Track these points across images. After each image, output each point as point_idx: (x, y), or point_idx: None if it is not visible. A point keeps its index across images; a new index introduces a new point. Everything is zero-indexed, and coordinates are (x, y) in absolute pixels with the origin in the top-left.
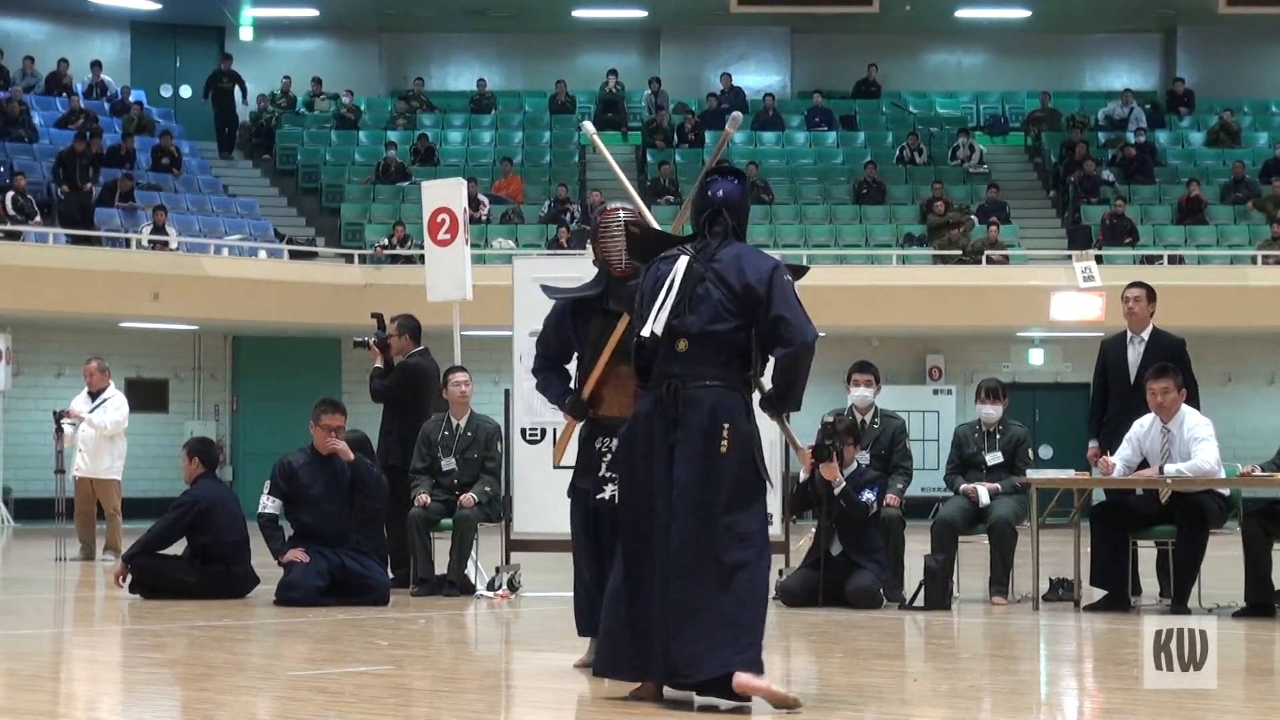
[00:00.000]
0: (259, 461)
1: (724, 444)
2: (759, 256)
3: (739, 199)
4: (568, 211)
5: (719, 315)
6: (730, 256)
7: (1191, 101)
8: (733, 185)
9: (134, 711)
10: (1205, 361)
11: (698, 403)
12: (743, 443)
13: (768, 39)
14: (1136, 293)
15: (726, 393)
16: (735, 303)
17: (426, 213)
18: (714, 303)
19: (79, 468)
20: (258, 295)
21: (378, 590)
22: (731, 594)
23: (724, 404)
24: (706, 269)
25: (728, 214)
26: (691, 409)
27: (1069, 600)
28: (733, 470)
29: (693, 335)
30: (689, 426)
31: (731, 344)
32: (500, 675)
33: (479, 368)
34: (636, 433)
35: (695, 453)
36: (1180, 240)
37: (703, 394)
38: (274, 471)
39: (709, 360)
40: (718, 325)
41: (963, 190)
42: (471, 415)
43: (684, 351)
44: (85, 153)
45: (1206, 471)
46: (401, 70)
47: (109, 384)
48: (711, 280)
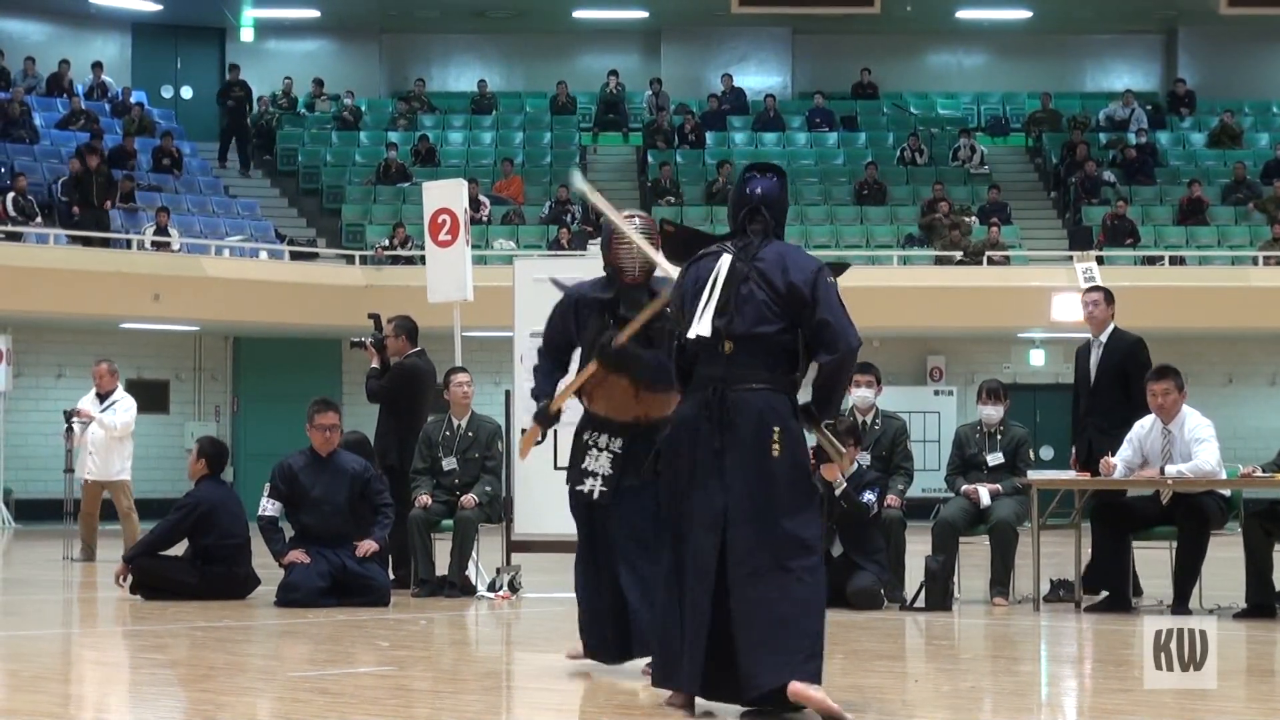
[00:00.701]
0: (259, 462)
1: (776, 448)
2: (803, 256)
3: (778, 196)
4: (568, 212)
5: (764, 317)
6: (773, 255)
7: (1193, 102)
8: (771, 182)
9: (136, 712)
10: (1206, 362)
11: (746, 406)
12: (794, 445)
13: (769, 40)
14: (1094, 296)
15: (774, 395)
16: (780, 304)
17: (427, 214)
18: (759, 304)
19: (89, 470)
20: (258, 296)
21: (378, 591)
22: (796, 602)
23: (773, 407)
24: (750, 268)
25: (766, 211)
26: (740, 413)
27: (1070, 601)
28: (785, 474)
29: (738, 337)
30: (738, 431)
31: (778, 346)
32: (501, 676)
33: (480, 368)
34: (681, 439)
35: (747, 458)
36: (1181, 241)
37: (751, 397)
38: (273, 474)
39: (756, 363)
40: (764, 327)
41: (964, 191)
42: (472, 415)
43: (730, 354)
44: (98, 170)
45: (1207, 472)
46: (402, 71)
47: (118, 386)
48: (756, 281)
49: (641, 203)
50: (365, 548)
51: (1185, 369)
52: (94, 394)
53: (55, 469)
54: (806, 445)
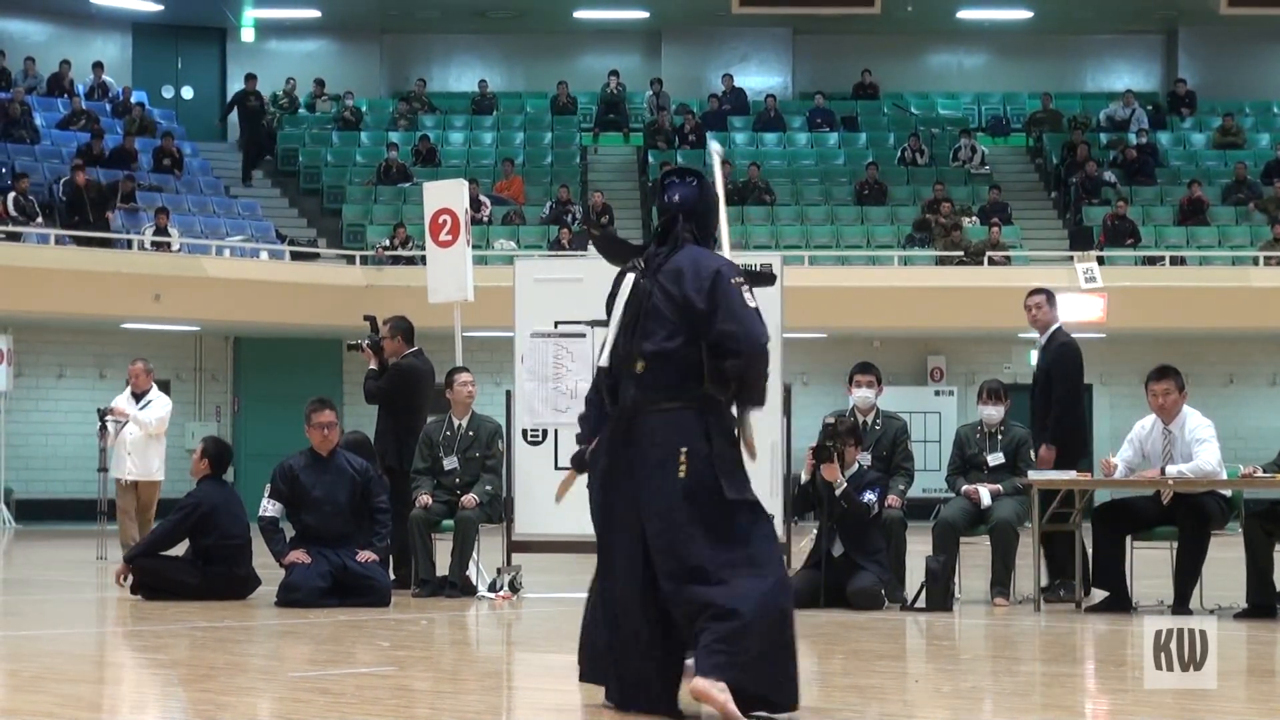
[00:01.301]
0: (260, 462)
1: (681, 469)
2: (705, 260)
3: (695, 202)
4: (569, 213)
5: (670, 332)
6: (675, 267)
7: (1193, 102)
8: (690, 187)
9: (136, 713)
10: (1207, 363)
11: (651, 431)
12: (700, 466)
13: (769, 40)
14: (1037, 299)
15: (683, 414)
16: (683, 319)
17: (428, 214)
18: (663, 320)
19: (129, 470)
20: (259, 296)
21: (379, 591)
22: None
23: (680, 427)
24: (653, 284)
25: (684, 220)
26: (646, 438)
27: (1070, 601)
28: (690, 495)
29: (647, 355)
30: (645, 457)
31: (685, 362)
32: (502, 676)
33: (480, 369)
34: (598, 467)
35: (654, 483)
36: (1182, 241)
37: (656, 420)
38: (274, 474)
39: (666, 382)
40: (668, 344)
41: (964, 191)
42: (473, 415)
43: (641, 374)
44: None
45: (1208, 473)
46: (403, 71)
47: (152, 385)
48: (659, 295)
49: (642, 203)
50: (365, 558)
51: (1186, 369)
52: (129, 393)
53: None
54: (732, 461)
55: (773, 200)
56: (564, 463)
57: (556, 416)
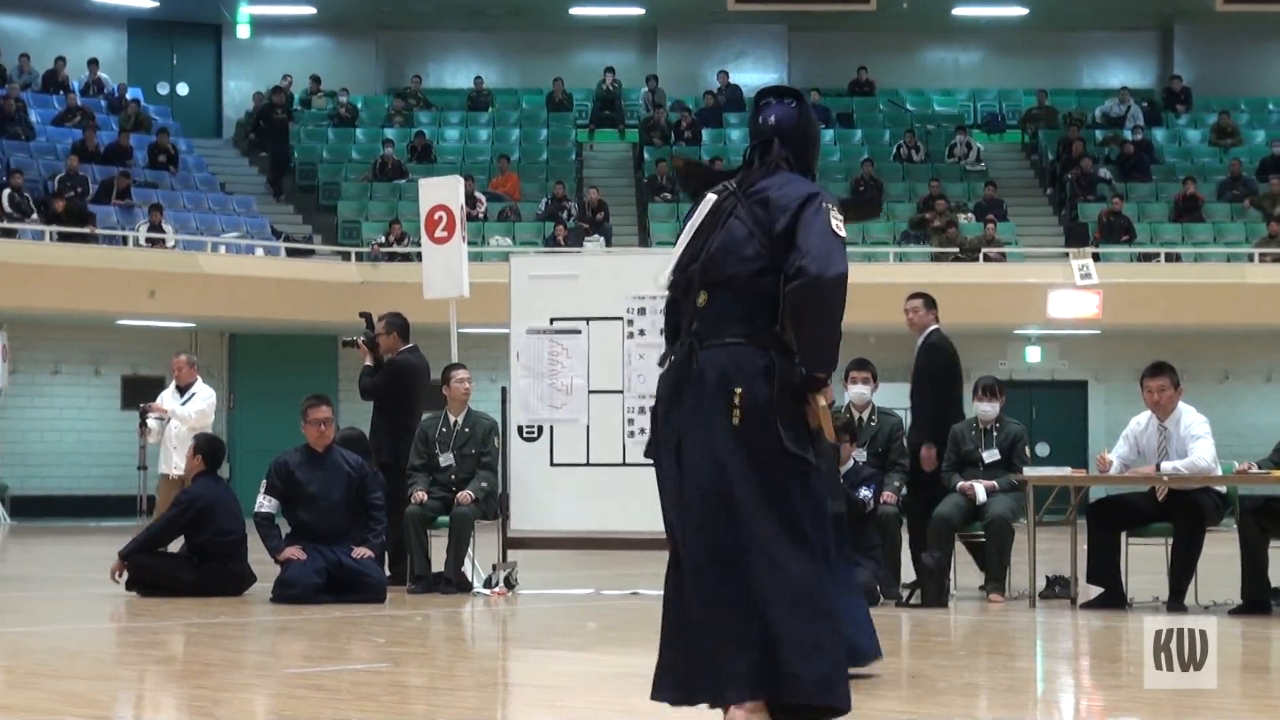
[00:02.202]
0: (256, 459)
1: (736, 413)
2: (796, 185)
3: (793, 124)
4: (565, 209)
5: (741, 256)
6: (762, 188)
7: (1189, 99)
8: (788, 108)
9: (132, 709)
10: (1202, 359)
11: (707, 366)
12: (759, 412)
13: (765, 36)
14: (914, 303)
15: (745, 350)
16: (762, 240)
17: (423, 210)
18: (735, 243)
19: (175, 466)
20: (254, 293)
21: (375, 588)
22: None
23: (740, 364)
24: (737, 203)
25: (780, 144)
26: (701, 374)
27: (1066, 598)
28: (746, 448)
29: (710, 284)
30: (698, 397)
31: (755, 292)
32: (497, 673)
33: (476, 365)
34: (657, 413)
35: (705, 427)
36: (1177, 238)
37: (716, 354)
38: (270, 470)
39: (730, 313)
40: (737, 269)
41: (960, 188)
42: (469, 412)
43: (704, 305)
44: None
45: (1203, 469)
46: (399, 68)
47: (197, 378)
48: (740, 215)
49: (637, 200)
50: (360, 554)
51: (1181, 366)
52: (174, 387)
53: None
54: (789, 414)
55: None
56: (560, 459)
57: (552, 413)
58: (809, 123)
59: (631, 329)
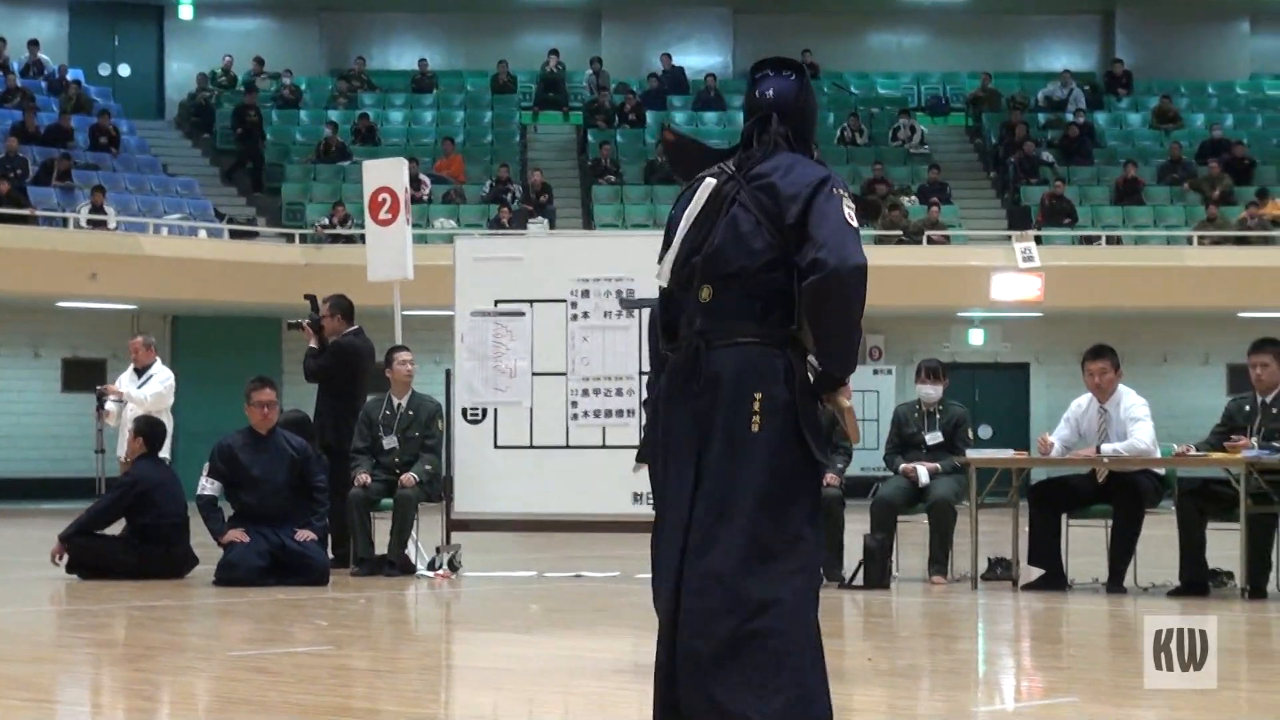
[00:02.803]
0: (198, 441)
1: (755, 420)
2: (802, 167)
3: (794, 98)
4: (509, 191)
5: (749, 249)
6: (771, 170)
7: (1130, 83)
8: (787, 81)
9: (71, 692)
10: (1142, 341)
11: (720, 368)
12: (779, 417)
13: (709, 19)
14: None
15: (761, 351)
16: (771, 231)
17: (367, 192)
18: (743, 234)
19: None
20: (197, 275)
21: (317, 570)
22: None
23: (756, 367)
24: (739, 188)
25: (778, 119)
26: (713, 378)
27: (1007, 579)
28: (765, 457)
29: (716, 278)
30: (710, 401)
31: (767, 287)
32: (440, 656)
33: (420, 347)
34: (657, 414)
35: (720, 435)
36: (1118, 221)
37: (729, 355)
38: (213, 453)
39: (739, 310)
40: (746, 262)
41: (903, 171)
42: (413, 394)
43: (709, 301)
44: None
45: (1142, 451)
46: (342, 50)
47: (155, 359)
48: (744, 203)
49: (581, 182)
50: (303, 536)
51: (1121, 348)
52: (132, 369)
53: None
54: (812, 416)
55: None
56: (504, 441)
57: (496, 395)
58: (809, 96)
59: (575, 311)
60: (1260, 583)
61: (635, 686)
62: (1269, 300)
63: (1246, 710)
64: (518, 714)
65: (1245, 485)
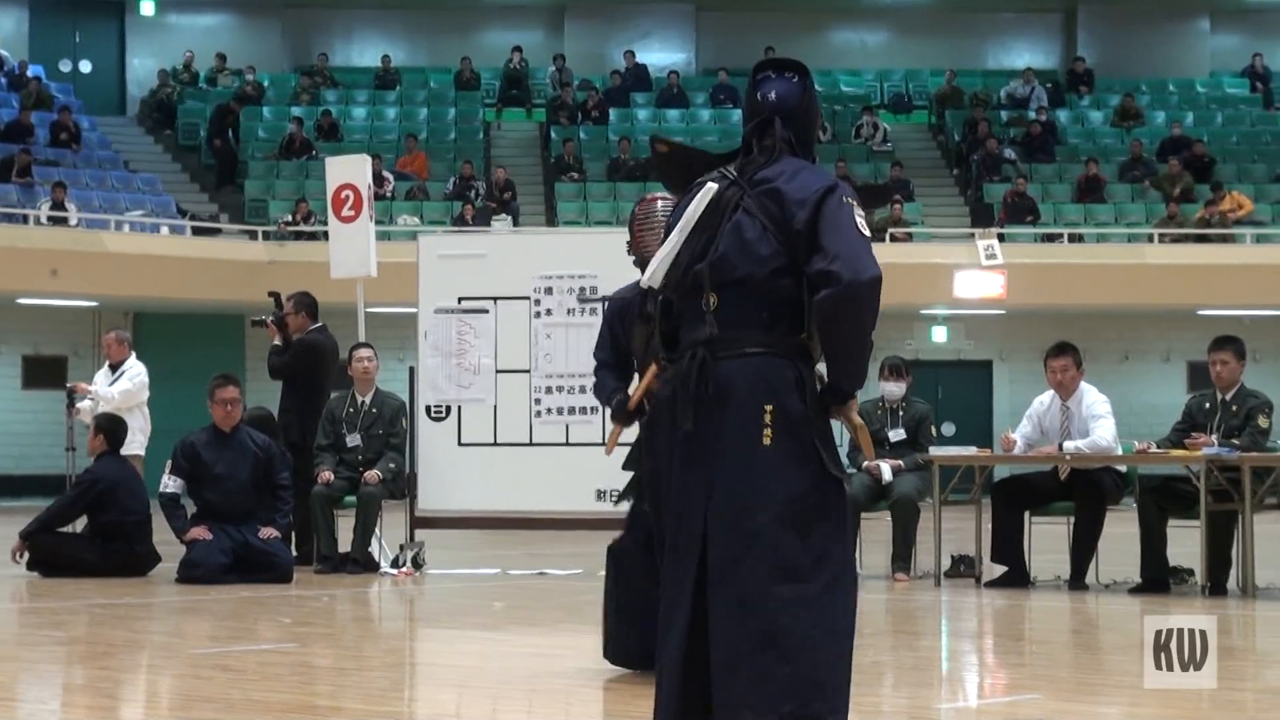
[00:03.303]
0: (161, 439)
1: (767, 433)
2: (808, 173)
3: (797, 101)
4: (472, 188)
5: (756, 256)
6: (775, 175)
7: (1091, 81)
8: (790, 84)
9: (33, 690)
10: (1102, 339)
11: (732, 378)
12: (793, 430)
13: (672, 16)
14: None
15: (771, 361)
16: (777, 238)
17: (330, 189)
18: (748, 241)
19: None
20: (159, 272)
21: (281, 568)
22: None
23: (766, 377)
24: (742, 194)
25: (781, 124)
26: (721, 389)
27: (970, 576)
28: (779, 471)
29: (722, 285)
30: (719, 414)
31: (776, 295)
32: (404, 653)
33: (384, 345)
34: (659, 422)
35: (731, 448)
36: (1080, 218)
37: (739, 366)
38: (175, 450)
39: (746, 319)
40: (754, 269)
41: (866, 168)
42: (376, 392)
43: (714, 309)
44: None
45: (1104, 448)
46: (305, 46)
47: (129, 355)
48: (749, 209)
49: (544, 179)
50: (266, 534)
51: (1083, 346)
52: (107, 366)
53: None
54: (825, 428)
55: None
56: (468, 439)
57: (460, 392)
58: (812, 99)
59: (539, 308)
60: (1220, 580)
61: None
62: (1229, 298)
63: (1208, 706)
64: (481, 711)
65: (1205, 482)
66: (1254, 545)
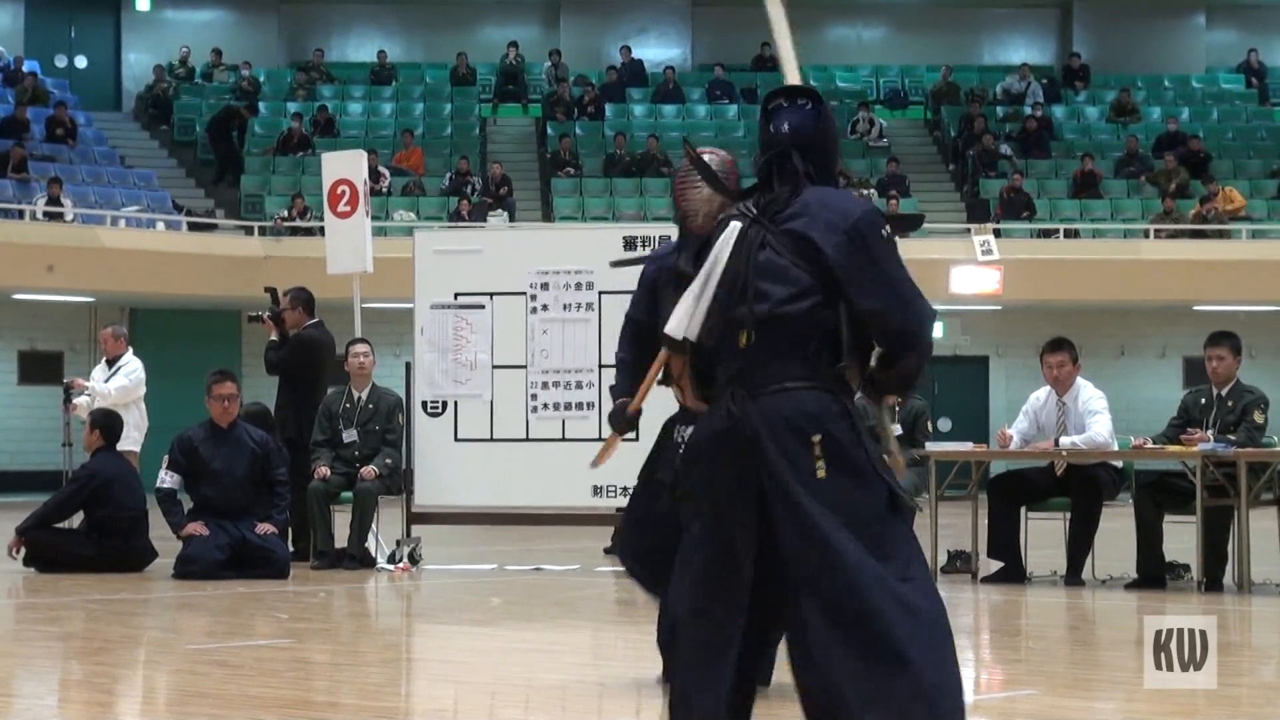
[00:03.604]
0: (157, 435)
1: (819, 466)
2: (836, 202)
3: (813, 131)
4: (469, 184)
5: (790, 292)
6: (798, 210)
7: (1087, 76)
8: (803, 113)
9: (29, 686)
10: (1099, 334)
11: (769, 416)
12: (845, 456)
13: (668, 11)
14: None
15: (811, 395)
16: (808, 271)
17: (326, 185)
18: (781, 276)
19: None
20: (156, 267)
21: (277, 563)
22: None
23: (806, 409)
24: (766, 232)
25: (799, 157)
26: (763, 426)
27: (967, 572)
28: (842, 504)
29: (756, 323)
30: (762, 452)
31: (812, 328)
32: (401, 649)
33: (380, 340)
34: (699, 461)
35: (780, 489)
36: (1076, 214)
37: (775, 403)
38: (172, 446)
39: (784, 354)
40: (789, 306)
41: (863, 164)
42: (373, 387)
43: (748, 346)
44: None
45: (1100, 444)
46: (301, 41)
47: (125, 350)
48: (773, 246)
49: (540, 175)
50: (263, 530)
51: (1079, 341)
52: (104, 362)
53: None
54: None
55: (671, 173)
56: (465, 434)
57: (456, 388)
58: (829, 126)
59: (535, 304)
60: (1216, 575)
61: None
62: (1225, 293)
63: (1204, 702)
64: (478, 707)
65: (1201, 478)
66: (1249, 540)
